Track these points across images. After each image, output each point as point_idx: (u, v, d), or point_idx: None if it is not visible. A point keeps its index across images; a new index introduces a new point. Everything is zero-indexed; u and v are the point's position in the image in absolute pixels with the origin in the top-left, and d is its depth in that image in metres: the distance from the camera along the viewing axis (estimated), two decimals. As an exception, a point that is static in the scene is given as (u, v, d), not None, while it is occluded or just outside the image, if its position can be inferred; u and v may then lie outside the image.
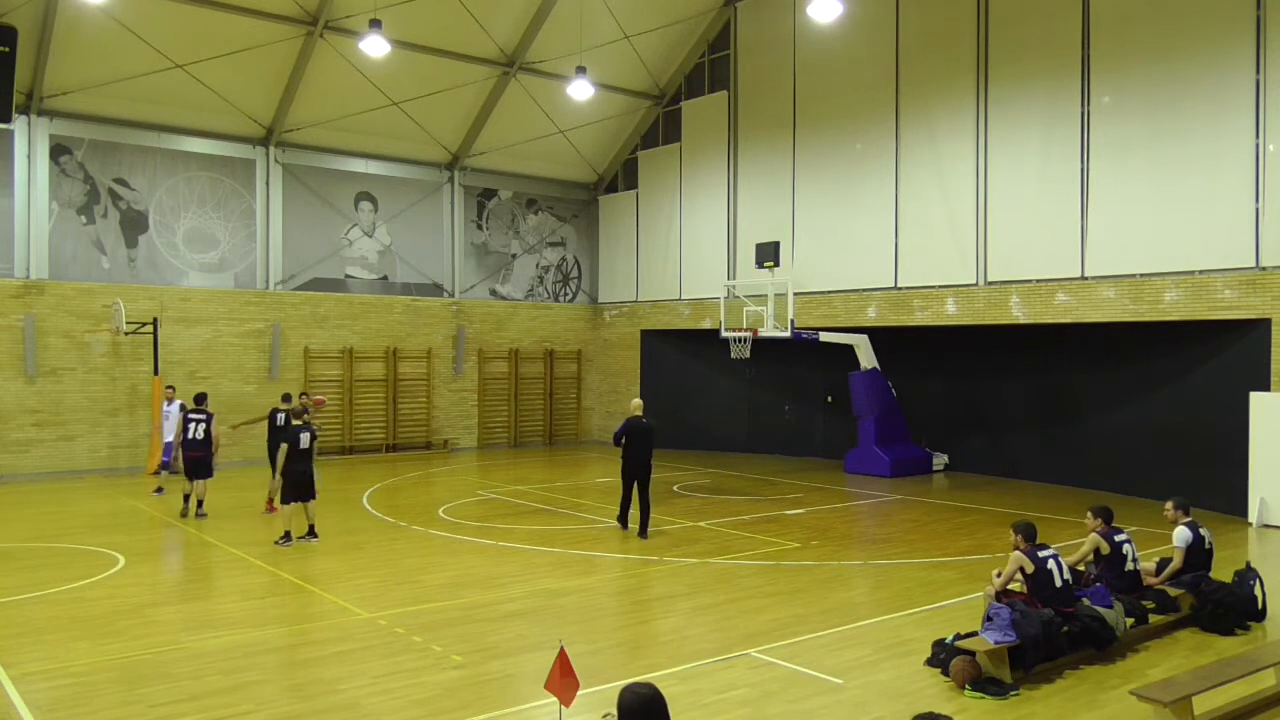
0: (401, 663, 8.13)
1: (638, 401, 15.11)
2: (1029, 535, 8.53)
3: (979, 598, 9.17)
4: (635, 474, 14.15)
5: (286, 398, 16.28)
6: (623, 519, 14.44)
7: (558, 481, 19.85)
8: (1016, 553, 8.44)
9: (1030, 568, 8.33)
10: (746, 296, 21.19)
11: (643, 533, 13.98)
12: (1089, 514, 9.65)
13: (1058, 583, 8.32)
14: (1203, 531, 9.79)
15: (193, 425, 15.23)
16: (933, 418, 21.58)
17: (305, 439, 13.06)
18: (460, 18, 21.94)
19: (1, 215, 19.81)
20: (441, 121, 24.55)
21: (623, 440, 14.18)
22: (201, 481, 15.14)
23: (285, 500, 13.06)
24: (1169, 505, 9.94)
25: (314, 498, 13.25)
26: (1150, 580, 9.55)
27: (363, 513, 15.87)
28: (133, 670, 7.93)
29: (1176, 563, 9.63)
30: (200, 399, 15.85)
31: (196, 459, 15.13)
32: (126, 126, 21.13)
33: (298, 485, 12.99)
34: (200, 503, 15.16)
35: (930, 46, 20.07)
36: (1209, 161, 15.83)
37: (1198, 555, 9.67)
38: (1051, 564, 8.36)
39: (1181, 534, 9.68)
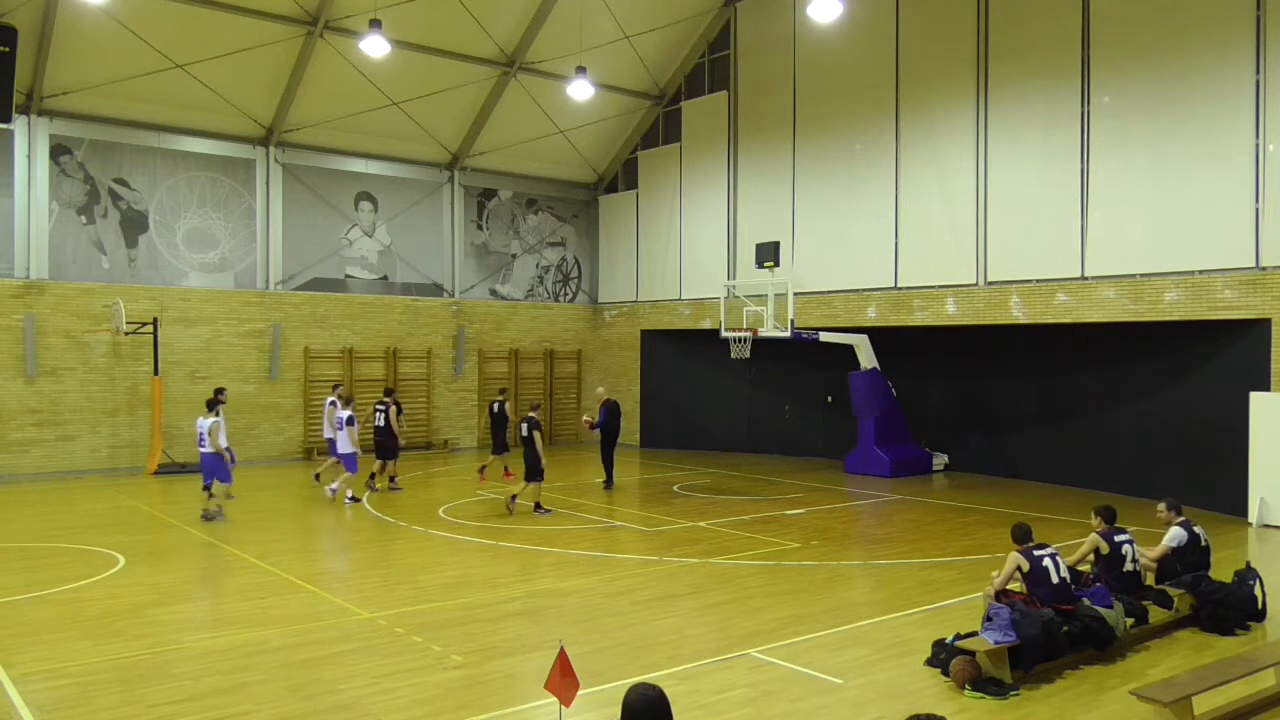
0: (401, 663, 8.14)
1: (600, 390, 21.04)
2: (1020, 537, 8.66)
3: (979, 598, 9.17)
4: (609, 442, 18.81)
5: (502, 391, 20.61)
6: (608, 483, 18.61)
7: (557, 481, 19.81)
8: (1013, 553, 8.53)
9: (1026, 565, 8.39)
10: (746, 296, 21.17)
11: (608, 484, 18.59)
12: (1093, 514, 9.68)
13: (1054, 579, 8.35)
14: (1197, 529, 9.82)
15: (379, 414, 17.81)
16: (933, 418, 21.57)
17: (524, 429, 15.75)
18: (460, 18, 21.94)
19: (1, 215, 19.81)
20: (441, 121, 24.55)
21: (603, 421, 18.91)
22: (387, 462, 17.77)
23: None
24: (1161, 506, 10.01)
25: (529, 480, 15.59)
26: (1150, 558, 9.61)
27: (363, 513, 15.88)
28: (133, 670, 7.93)
29: (1157, 553, 9.69)
30: (388, 392, 18.98)
31: (379, 443, 17.80)
32: (126, 126, 21.14)
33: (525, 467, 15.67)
34: (393, 478, 18.02)
35: (930, 46, 20.06)
36: (1209, 161, 15.82)
37: (1194, 554, 9.68)
38: (1048, 561, 8.40)
39: (1176, 533, 9.72)
